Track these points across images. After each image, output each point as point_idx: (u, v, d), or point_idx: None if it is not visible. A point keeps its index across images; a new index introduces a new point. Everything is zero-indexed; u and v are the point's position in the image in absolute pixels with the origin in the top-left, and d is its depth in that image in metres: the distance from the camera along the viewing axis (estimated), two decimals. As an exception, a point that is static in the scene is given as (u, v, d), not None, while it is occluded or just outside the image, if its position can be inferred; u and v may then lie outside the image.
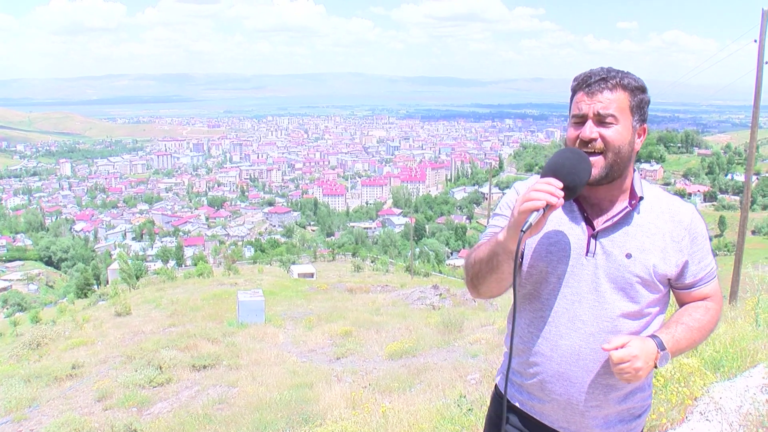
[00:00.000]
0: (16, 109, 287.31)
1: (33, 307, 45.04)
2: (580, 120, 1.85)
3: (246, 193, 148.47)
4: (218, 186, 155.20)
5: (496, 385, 2.20)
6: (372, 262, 58.34)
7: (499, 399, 2.13)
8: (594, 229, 1.89)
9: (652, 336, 1.84)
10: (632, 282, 1.86)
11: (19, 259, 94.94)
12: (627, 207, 1.90)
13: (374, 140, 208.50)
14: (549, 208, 1.68)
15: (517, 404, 2.05)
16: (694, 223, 1.93)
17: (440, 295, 21.23)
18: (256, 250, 79.07)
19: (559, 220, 1.91)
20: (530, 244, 1.93)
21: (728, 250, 63.74)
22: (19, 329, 25.05)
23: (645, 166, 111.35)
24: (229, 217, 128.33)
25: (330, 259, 64.29)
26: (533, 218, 1.67)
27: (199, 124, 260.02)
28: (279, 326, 16.91)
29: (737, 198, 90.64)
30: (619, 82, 1.84)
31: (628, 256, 1.86)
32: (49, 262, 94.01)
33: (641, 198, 1.91)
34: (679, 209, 1.94)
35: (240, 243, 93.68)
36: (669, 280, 1.94)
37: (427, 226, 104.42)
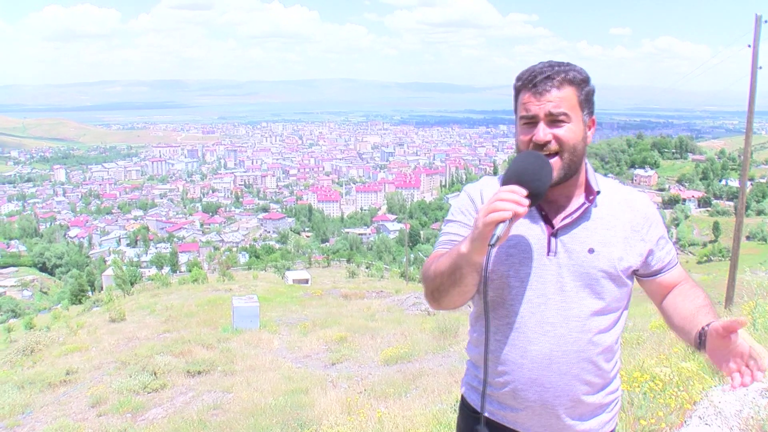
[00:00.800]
0: (9, 116, 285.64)
1: (27, 313, 44.85)
2: (530, 121, 1.80)
3: (240, 199, 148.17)
4: (213, 192, 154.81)
5: (462, 395, 2.11)
6: (367, 268, 58.40)
7: (467, 410, 2.07)
8: (553, 227, 1.84)
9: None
10: (597, 277, 1.82)
11: (13, 266, 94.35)
12: (585, 202, 1.85)
13: (369, 146, 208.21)
14: (515, 217, 1.61)
15: (486, 414, 1.92)
16: (650, 210, 1.92)
17: (436, 300, 21.19)
18: (250, 256, 79.01)
19: (517, 221, 1.81)
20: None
21: (723, 256, 64.01)
22: (13, 335, 24.90)
23: (639, 171, 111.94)
24: (224, 223, 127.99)
25: (325, 265, 64.34)
26: (500, 230, 1.59)
27: (194, 130, 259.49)
28: (274, 332, 16.88)
29: (731, 203, 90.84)
30: (565, 77, 1.77)
31: (591, 251, 1.81)
32: (43, 269, 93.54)
33: (598, 192, 1.87)
34: (636, 199, 1.92)
35: (235, 249, 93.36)
36: (634, 271, 1.90)
37: (421, 232, 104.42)
